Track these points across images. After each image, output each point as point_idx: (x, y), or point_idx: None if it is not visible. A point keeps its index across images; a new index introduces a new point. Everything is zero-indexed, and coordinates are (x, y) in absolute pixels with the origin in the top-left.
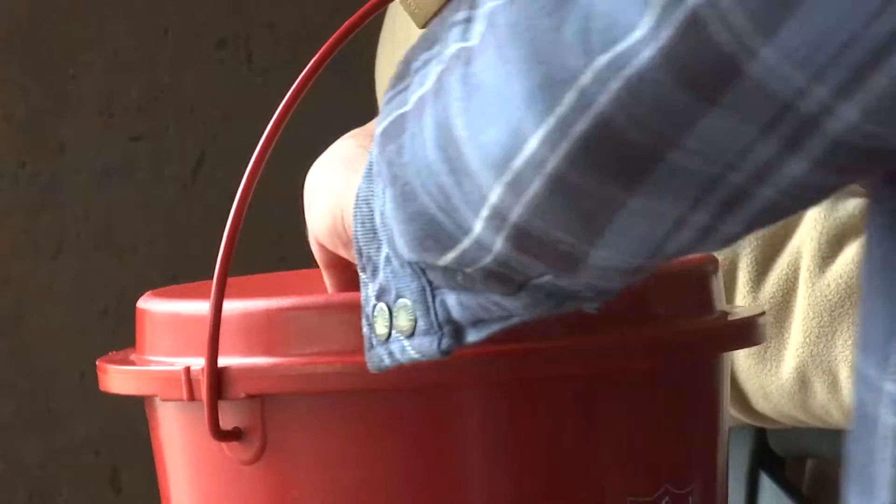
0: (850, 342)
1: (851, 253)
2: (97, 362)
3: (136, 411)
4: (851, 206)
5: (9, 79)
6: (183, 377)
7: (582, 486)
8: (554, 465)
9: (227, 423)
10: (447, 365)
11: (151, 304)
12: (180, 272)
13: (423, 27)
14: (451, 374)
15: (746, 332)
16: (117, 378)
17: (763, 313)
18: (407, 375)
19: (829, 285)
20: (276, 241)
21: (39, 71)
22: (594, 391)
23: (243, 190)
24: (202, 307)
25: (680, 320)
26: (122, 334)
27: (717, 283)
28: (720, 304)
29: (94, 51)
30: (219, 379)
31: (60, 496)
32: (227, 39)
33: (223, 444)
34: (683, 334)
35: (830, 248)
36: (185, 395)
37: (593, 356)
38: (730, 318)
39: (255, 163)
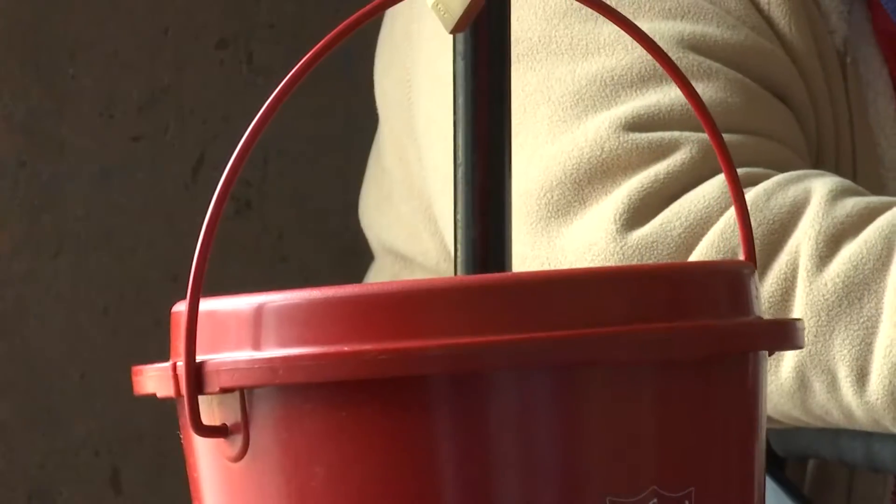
0: (848, 342)
1: (849, 252)
2: (133, 368)
3: (136, 411)
4: (850, 205)
5: (9, 79)
6: (171, 373)
7: (558, 482)
8: (530, 460)
9: (216, 419)
10: (421, 357)
11: (178, 308)
12: (180, 272)
13: (452, 32)
14: (427, 366)
15: (784, 334)
16: (136, 380)
17: (800, 320)
18: (378, 368)
19: (826, 285)
20: (277, 242)
21: (39, 71)
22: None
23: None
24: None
25: (713, 318)
26: (122, 334)
27: (755, 287)
28: (757, 308)
29: (94, 51)
30: (197, 374)
31: (60, 496)
32: (227, 39)
33: (213, 441)
34: (713, 329)
35: (828, 248)
36: (173, 391)
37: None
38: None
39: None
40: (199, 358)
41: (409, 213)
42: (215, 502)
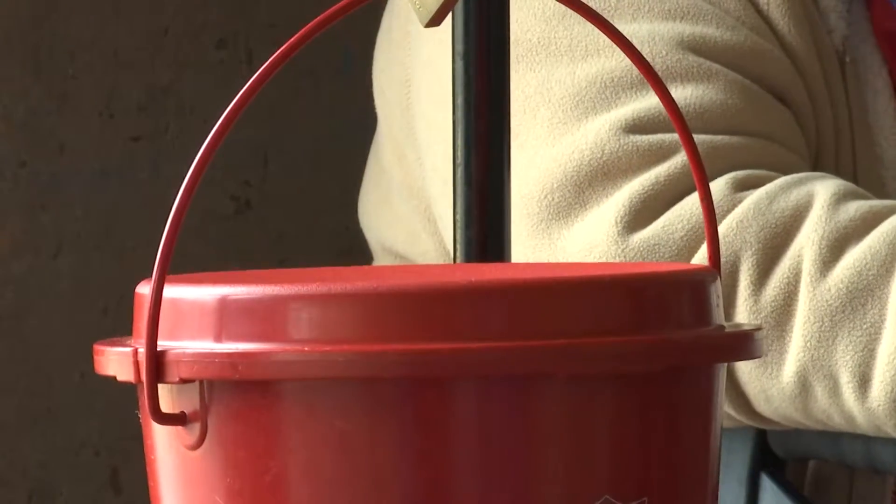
0: (850, 347)
1: (853, 258)
2: (94, 345)
3: (136, 411)
4: (853, 209)
5: (9, 79)
6: (132, 359)
7: (513, 489)
8: (485, 468)
9: (175, 407)
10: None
11: (146, 289)
12: (180, 272)
13: (427, 26)
14: (384, 370)
15: (741, 345)
16: (99, 359)
17: (760, 328)
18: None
19: (830, 290)
20: (277, 242)
21: (39, 71)
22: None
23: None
24: (184, 292)
25: (671, 330)
26: (122, 334)
27: (715, 296)
28: (718, 317)
29: (94, 51)
30: (157, 362)
31: (60, 496)
32: (227, 39)
33: (171, 428)
34: (670, 342)
35: (832, 253)
36: (133, 377)
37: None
38: (726, 330)
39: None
40: (160, 345)
41: (408, 213)
42: (172, 487)
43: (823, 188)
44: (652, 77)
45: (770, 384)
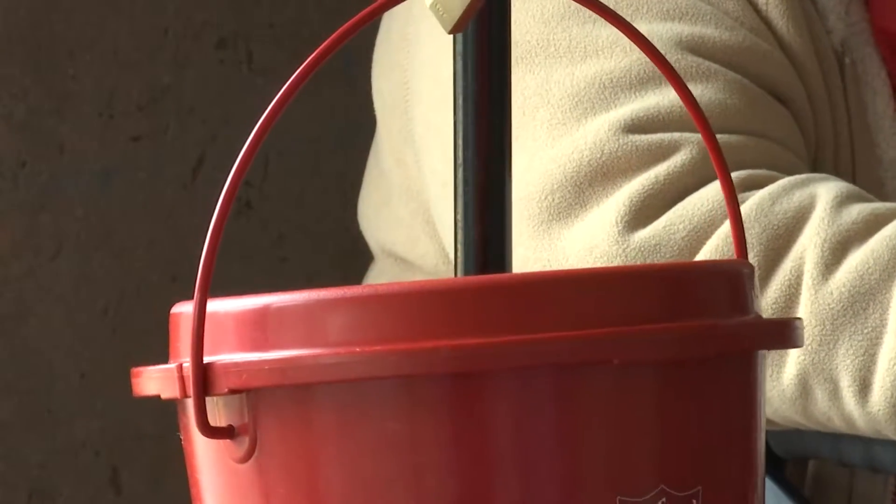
0: (851, 351)
1: (855, 262)
2: (132, 370)
3: (136, 411)
4: (856, 212)
5: (9, 79)
6: (176, 374)
7: (565, 482)
8: (537, 461)
9: (222, 420)
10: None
11: (181, 309)
12: (180, 272)
13: (451, 33)
14: (434, 367)
15: (783, 333)
16: (138, 381)
17: (800, 319)
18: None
19: (831, 293)
20: (277, 242)
21: (39, 71)
22: (581, 384)
23: (229, 187)
24: (219, 307)
25: (710, 318)
26: (122, 334)
27: (753, 286)
28: (756, 307)
29: (94, 51)
30: (204, 375)
31: (60, 496)
32: (227, 39)
33: (220, 443)
34: (714, 329)
35: (834, 256)
36: (178, 392)
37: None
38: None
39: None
40: (205, 359)
41: (407, 215)
42: (222, 502)
43: (826, 190)
44: (672, 75)
45: (770, 386)
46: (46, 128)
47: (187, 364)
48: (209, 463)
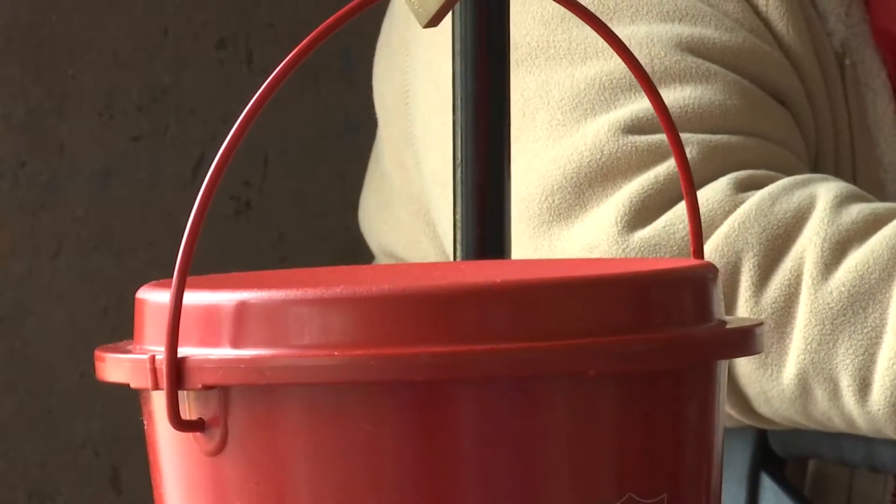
0: (851, 351)
1: (855, 261)
2: (96, 351)
3: (136, 411)
4: (856, 212)
5: (9, 79)
6: (148, 366)
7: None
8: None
9: (192, 413)
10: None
11: (147, 294)
12: None
13: (426, 27)
14: (403, 368)
15: (743, 341)
16: (103, 366)
17: (761, 323)
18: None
19: (831, 293)
20: (277, 242)
21: (39, 71)
22: (558, 394)
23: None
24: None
25: (675, 327)
26: (121, 334)
27: (716, 291)
28: (718, 312)
29: (94, 51)
30: (178, 368)
31: (60, 496)
32: (227, 39)
33: (188, 435)
34: (672, 341)
35: (833, 255)
36: (150, 383)
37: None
38: (727, 326)
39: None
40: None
41: (408, 217)
42: (188, 494)
43: (826, 190)
44: (642, 77)
45: (770, 386)
46: (46, 128)
47: (160, 356)
48: (175, 453)
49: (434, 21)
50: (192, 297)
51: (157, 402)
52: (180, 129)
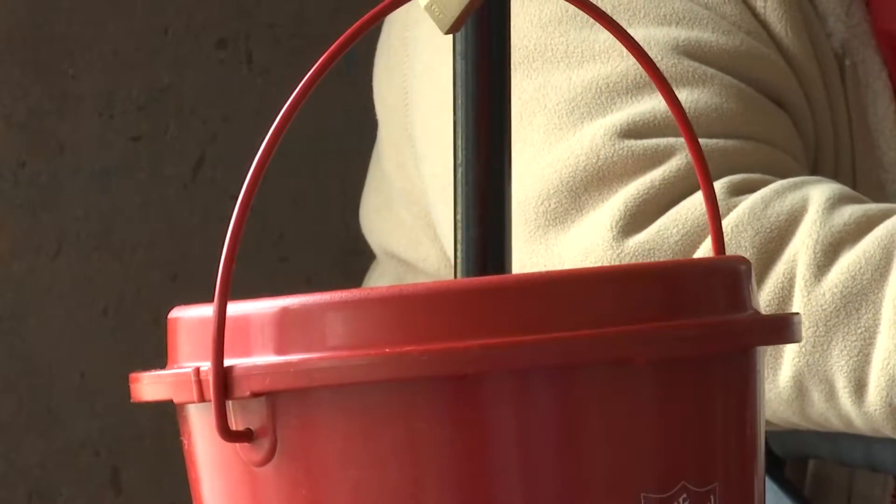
0: (845, 352)
1: (847, 262)
2: (130, 375)
3: (136, 411)
4: (848, 213)
5: (9, 79)
6: (193, 378)
7: (591, 480)
8: (566, 460)
9: (239, 424)
10: (460, 355)
11: (178, 314)
12: (180, 272)
13: (447, 33)
14: (462, 365)
15: (780, 329)
16: (143, 385)
17: (797, 314)
18: (412, 367)
19: (824, 295)
20: (277, 242)
21: (39, 71)
22: (616, 382)
23: (245, 192)
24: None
25: (710, 315)
26: (122, 334)
27: (750, 283)
28: (753, 303)
29: (94, 51)
30: (225, 378)
31: (60, 496)
32: (227, 39)
33: (236, 447)
34: (714, 326)
35: (826, 257)
36: (195, 396)
37: (615, 346)
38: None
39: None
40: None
41: (409, 218)
42: None
43: (818, 192)
44: (661, 81)
45: (767, 388)
46: (46, 128)
47: (204, 368)
48: (220, 467)
49: (455, 27)
50: (232, 309)
51: (199, 416)
52: (180, 129)
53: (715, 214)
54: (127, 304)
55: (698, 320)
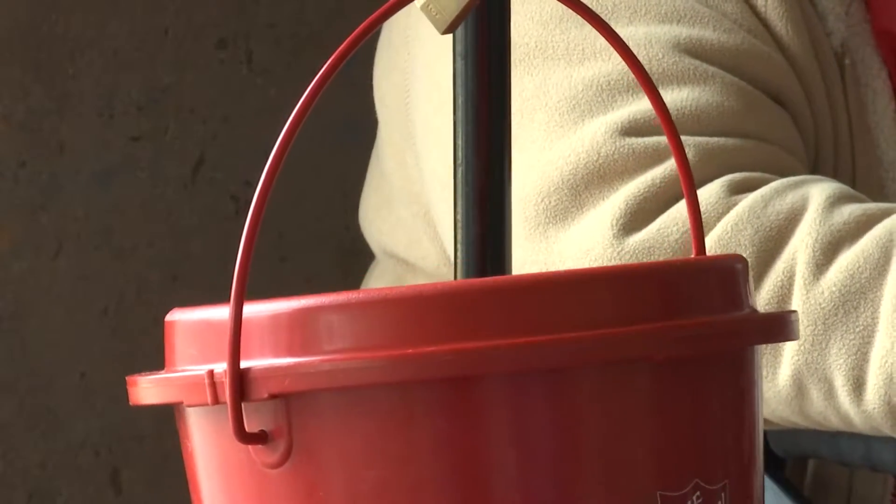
0: (844, 351)
1: (846, 261)
2: (127, 378)
3: (136, 411)
4: (847, 212)
5: (9, 79)
6: (207, 381)
7: (610, 480)
8: (583, 460)
9: (252, 426)
10: (473, 355)
11: (178, 316)
12: (180, 272)
13: (444, 33)
14: (477, 365)
15: (777, 327)
16: (145, 388)
17: (794, 311)
18: (429, 368)
19: (823, 293)
20: (277, 241)
21: (39, 71)
22: (620, 383)
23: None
24: (224, 313)
25: (707, 314)
26: (122, 334)
27: (747, 281)
28: (750, 302)
29: (94, 51)
30: (241, 380)
31: (60, 496)
32: (227, 39)
33: (249, 449)
34: (714, 325)
35: (825, 256)
36: (209, 398)
37: (620, 346)
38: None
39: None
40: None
41: (409, 217)
42: None
43: (818, 191)
44: (644, 79)
45: (766, 387)
46: (46, 128)
47: (219, 370)
48: (229, 469)
49: (452, 27)
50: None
51: (205, 418)
52: (180, 129)
53: (697, 217)
54: (127, 304)
55: (696, 320)
